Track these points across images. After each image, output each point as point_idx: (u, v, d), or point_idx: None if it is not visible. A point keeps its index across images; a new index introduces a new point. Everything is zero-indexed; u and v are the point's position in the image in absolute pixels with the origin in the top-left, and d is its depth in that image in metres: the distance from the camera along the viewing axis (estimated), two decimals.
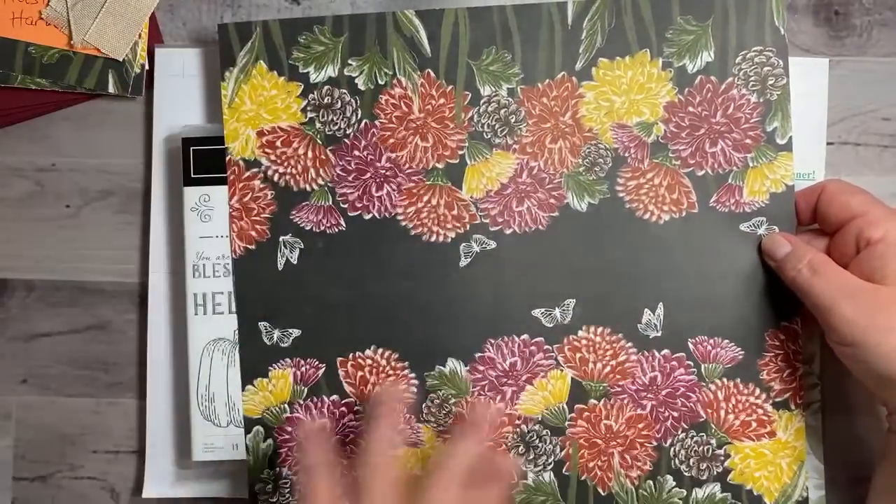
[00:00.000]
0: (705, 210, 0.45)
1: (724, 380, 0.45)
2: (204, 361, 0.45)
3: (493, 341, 0.45)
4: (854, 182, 0.44)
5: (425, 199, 0.45)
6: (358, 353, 0.45)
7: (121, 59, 0.47)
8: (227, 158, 0.45)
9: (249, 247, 0.45)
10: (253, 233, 0.45)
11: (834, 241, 0.43)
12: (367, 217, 0.45)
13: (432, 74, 0.45)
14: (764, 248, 0.44)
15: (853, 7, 0.48)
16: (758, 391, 0.45)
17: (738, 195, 0.45)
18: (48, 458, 0.48)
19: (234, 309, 0.45)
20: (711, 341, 0.45)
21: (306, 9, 0.48)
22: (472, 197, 0.45)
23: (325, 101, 0.45)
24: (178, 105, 0.47)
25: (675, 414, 0.45)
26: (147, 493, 0.47)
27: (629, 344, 0.45)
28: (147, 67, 0.48)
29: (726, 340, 0.45)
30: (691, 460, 0.46)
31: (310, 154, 0.45)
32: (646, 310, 0.45)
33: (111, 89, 0.47)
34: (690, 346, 0.45)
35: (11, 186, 0.49)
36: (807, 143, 0.46)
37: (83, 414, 0.48)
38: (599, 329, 0.45)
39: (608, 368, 0.45)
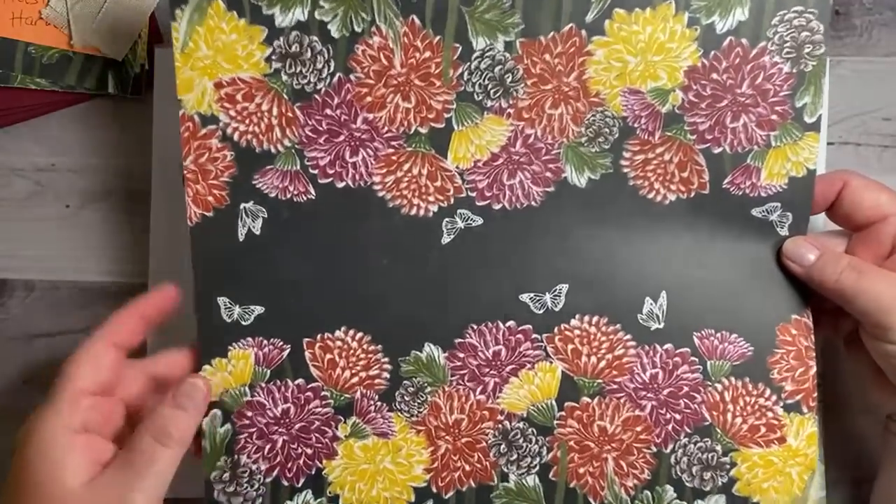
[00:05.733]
0: (716, 192, 0.40)
1: (732, 379, 0.41)
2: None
3: (475, 327, 0.41)
4: None
5: (405, 167, 0.40)
6: (327, 335, 0.41)
7: (121, 59, 0.47)
8: (181, 113, 0.39)
9: (206, 213, 0.40)
10: (210, 198, 0.40)
11: (860, 240, 0.40)
12: (340, 185, 0.40)
13: (417, 22, 0.39)
14: (787, 254, 0.40)
15: (853, 7, 0.47)
16: (768, 392, 0.41)
17: (756, 177, 0.40)
18: None
19: None
20: (719, 335, 0.41)
21: None
22: (457, 167, 0.40)
23: (293, 49, 0.39)
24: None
25: (678, 416, 0.41)
26: None
27: (628, 336, 0.41)
28: (147, 67, 0.48)
29: (734, 335, 0.41)
30: (694, 469, 0.41)
31: (275, 111, 0.39)
32: (647, 299, 0.41)
33: (111, 89, 0.47)
34: (696, 340, 0.41)
35: (11, 186, 0.49)
36: None
37: None
38: (595, 318, 0.41)
39: (603, 363, 0.41)
